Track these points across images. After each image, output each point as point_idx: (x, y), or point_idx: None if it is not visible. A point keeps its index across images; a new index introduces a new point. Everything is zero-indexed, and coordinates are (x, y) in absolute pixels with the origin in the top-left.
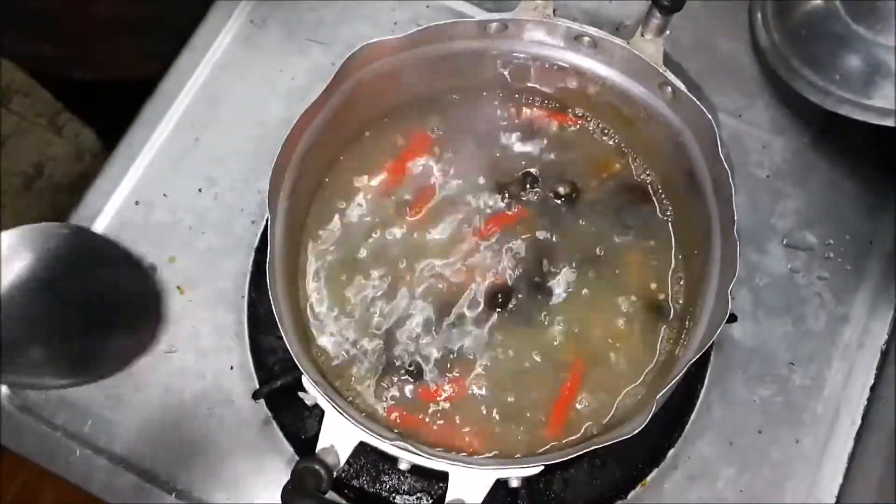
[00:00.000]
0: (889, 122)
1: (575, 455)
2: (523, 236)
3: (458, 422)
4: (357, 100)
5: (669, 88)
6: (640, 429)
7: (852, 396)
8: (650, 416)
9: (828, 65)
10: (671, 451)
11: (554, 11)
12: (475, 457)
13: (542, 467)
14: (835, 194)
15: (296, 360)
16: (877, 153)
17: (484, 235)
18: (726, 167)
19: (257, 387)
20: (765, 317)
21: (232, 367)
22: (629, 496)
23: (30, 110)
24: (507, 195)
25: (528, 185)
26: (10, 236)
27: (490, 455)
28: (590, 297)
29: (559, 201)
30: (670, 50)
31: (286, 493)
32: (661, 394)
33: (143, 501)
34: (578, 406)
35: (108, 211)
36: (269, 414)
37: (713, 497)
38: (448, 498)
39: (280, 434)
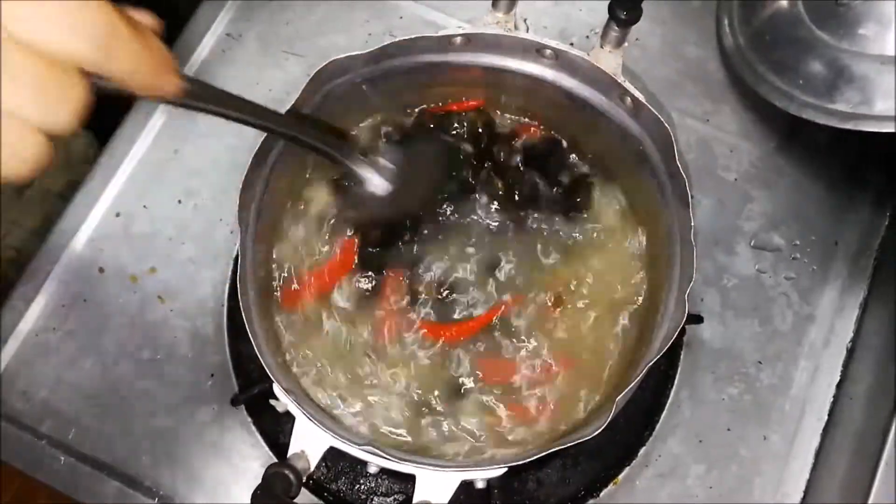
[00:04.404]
0: (850, 126)
1: (535, 457)
2: (492, 244)
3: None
4: (326, 113)
5: (629, 99)
6: (599, 430)
7: (818, 394)
8: (610, 417)
9: (792, 70)
10: (642, 450)
11: (525, 21)
12: (440, 459)
13: (506, 469)
14: (801, 197)
15: (266, 368)
16: (840, 156)
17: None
18: (683, 175)
19: (237, 393)
20: (733, 317)
21: (212, 375)
22: (602, 494)
23: None
24: (474, 201)
25: (494, 194)
26: None
27: (456, 457)
28: (557, 300)
29: (527, 207)
30: (639, 56)
31: (255, 498)
32: (620, 395)
33: None
34: (551, 406)
35: (90, 223)
36: (249, 419)
37: (683, 494)
38: (415, 499)
39: (259, 439)
